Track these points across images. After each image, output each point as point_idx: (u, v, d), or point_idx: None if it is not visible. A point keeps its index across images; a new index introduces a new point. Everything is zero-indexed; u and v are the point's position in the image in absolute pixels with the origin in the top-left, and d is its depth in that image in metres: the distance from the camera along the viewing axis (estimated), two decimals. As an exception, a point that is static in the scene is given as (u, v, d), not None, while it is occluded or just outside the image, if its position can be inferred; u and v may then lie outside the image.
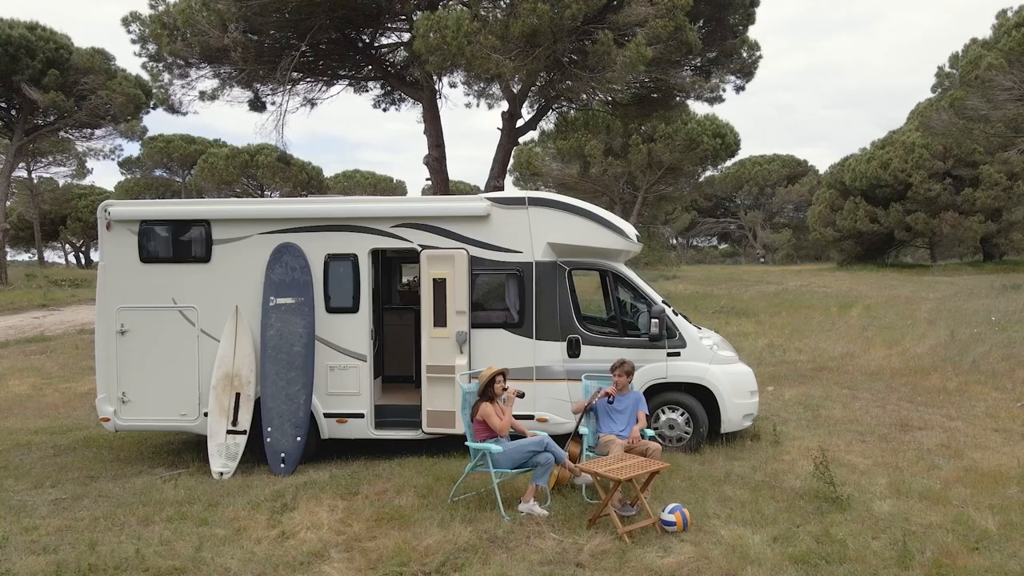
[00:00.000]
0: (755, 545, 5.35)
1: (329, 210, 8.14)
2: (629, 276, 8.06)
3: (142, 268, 8.07)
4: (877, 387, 11.37)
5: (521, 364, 7.87)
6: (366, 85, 24.38)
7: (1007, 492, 6.37)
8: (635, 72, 15.75)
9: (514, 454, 6.27)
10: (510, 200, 7.95)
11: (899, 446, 8.02)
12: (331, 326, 8.00)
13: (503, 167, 22.20)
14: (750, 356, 14.24)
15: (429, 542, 5.58)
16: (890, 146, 39.87)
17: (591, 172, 35.13)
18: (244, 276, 7.98)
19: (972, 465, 7.19)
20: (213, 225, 8.06)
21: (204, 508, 6.47)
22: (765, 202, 64.47)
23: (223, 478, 7.57)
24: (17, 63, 28.38)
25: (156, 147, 51.73)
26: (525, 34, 15.36)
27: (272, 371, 7.79)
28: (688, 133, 33.51)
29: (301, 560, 5.32)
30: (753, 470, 7.16)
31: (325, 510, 6.30)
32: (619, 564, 5.19)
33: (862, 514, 5.98)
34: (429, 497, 6.63)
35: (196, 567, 5.22)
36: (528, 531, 5.80)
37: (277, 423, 7.69)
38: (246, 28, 18.99)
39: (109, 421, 8.11)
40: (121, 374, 8.06)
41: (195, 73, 21.09)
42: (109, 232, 8.09)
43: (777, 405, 10.22)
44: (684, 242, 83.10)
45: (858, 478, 6.90)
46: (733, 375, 8.01)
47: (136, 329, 8.06)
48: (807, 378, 12.18)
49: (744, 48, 22.41)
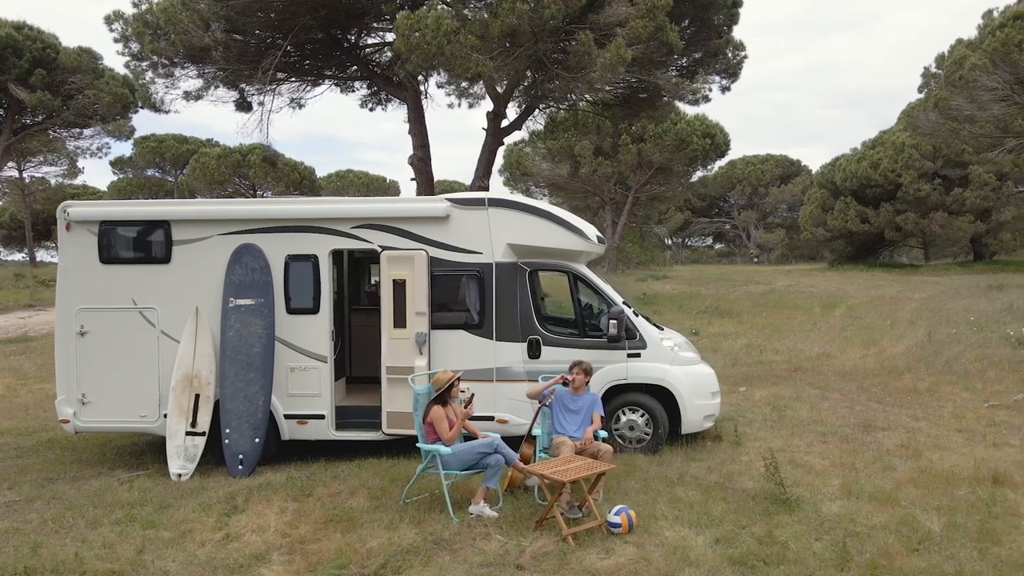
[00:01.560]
0: (697, 547, 5.35)
1: (289, 211, 8.13)
2: (590, 277, 8.05)
3: (102, 269, 8.05)
4: (849, 388, 11.38)
5: (481, 365, 7.87)
6: (352, 85, 24.39)
7: (957, 493, 6.37)
8: (616, 73, 15.75)
9: (464, 455, 6.26)
10: (470, 201, 7.94)
11: (859, 447, 8.03)
12: (292, 327, 7.99)
13: (488, 167, 22.20)
14: (728, 356, 14.27)
15: (373, 544, 5.58)
16: (880, 146, 39.92)
17: (581, 172, 35.10)
18: (204, 277, 7.96)
19: (927, 466, 7.19)
20: (173, 226, 8.04)
21: (154, 510, 6.46)
22: (758, 202, 64.55)
23: (181, 480, 7.55)
24: (4, 62, 28.38)
25: (148, 147, 51.70)
26: (505, 34, 15.37)
27: (231, 372, 7.77)
28: (678, 133, 33.50)
29: (241, 563, 5.31)
30: (709, 471, 7.16)
31: (274, 512, 6.29)
32: (559, 566, 5.19)
33: (810, 515, 5.98)
34: (382, 499, 6.62)
35: (135, 570, 5.21)
36: (475, 533, 5.80)
37: (236, 424, 7.68)
38: (229, 28, 19.01)
39: (69, 423, 8.09)
40: (81, 375, 8.04)
41: (179, 72, 21.12)
42: (69, 233, 8.07)
43: (746, 406, 10.22)
44: (679, 242, 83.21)
45: (812, 479, 6.90)
46: (694, 376, 8.01)
47: (96, 330, 8.04)
48: (781, 379, 12.19)
49: (729, 48, 22.42)
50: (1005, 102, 22.52)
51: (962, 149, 33.67)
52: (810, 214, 44.55)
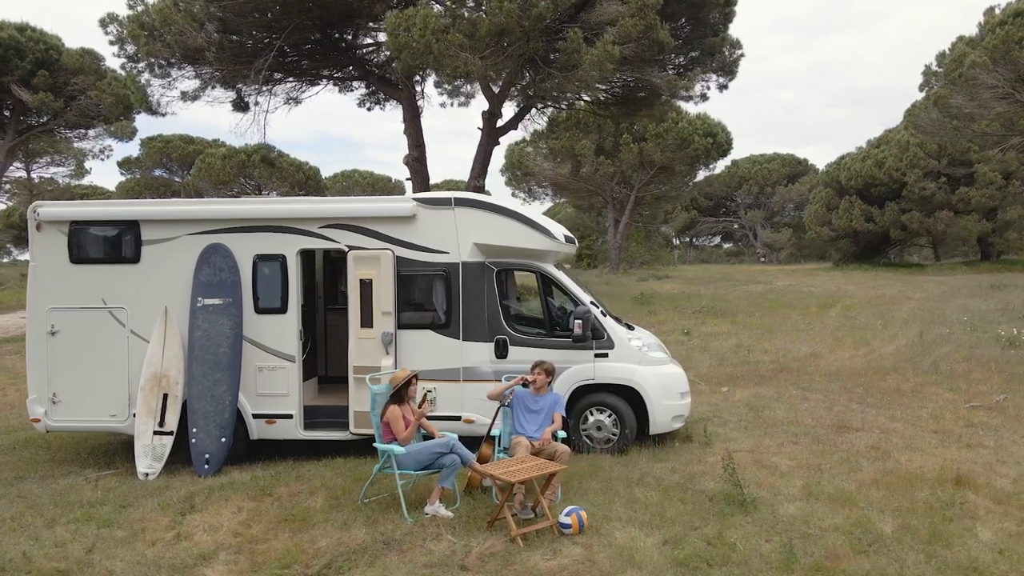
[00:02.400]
0: (643, 548, 5.32)
1: (257, 211, 8.15)
2: (557, 277, 8.01)
3: (72, 269, 8.10)
4: (832, 388, 11.29)
5: (448, 365, 7.87)
6: (350, 85, 24.44)
7: (917, 495, 6.30)
8: (603, 71, 15.70)
9: (419, 455, 6.25)
10: (436, 201, 7.93)
11: (829, 448, 7.96)
12: (260, 327, 8.00)
13: (484, 167, 22.19)
14: (715, 356, 14.20)
15: (322, 544, 5.58)
16: (885, 145, 39.65)
17: (582, 172, 35.01)
18: (174, 277, 7.99)
19: (894, 467, 7.11)
20: (142, 226, 8.08)
21: (113, 509, 6.49)
22: (765, 201, 64.22)
23: (148, 479, 7.58)
24: (6, 64, 28.54)
25: (155, 147, 52.05)
26: (492, 33, 15.36)
27: (199, 372, 7.80)
28: (679, 132, 33.36)
29: (188, 563, 5.32)
30: (672, 472, 7.12)
31: (231, 511, 6.31)
32: (503, 566, 5.17)
33: (766, 516, 5.93)
34: (342, 499, 6.62)
35: (81, 569, 5.24)
36: (427, 533, 5.78)
37: (202, 424, 7.70)
38: (223, 28, 19.09)
39: (40, 422, 8.14)
40: (52, 375, 8.09)
41: (176, 73, 21.18)
42: (39, 233, 8.13)
43: (724, 406, 10.16)
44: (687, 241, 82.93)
45: (775, 480, 6.84)
46: (662, 376, 7.96)
47: (66, 330, 8.09)
48: (765, 379, 12.11)
49: (725, 47, 22.32)
50: (1006, 100, 22.29)
51: (967, 147, 33.41)
52: (815, 213, 44.29)
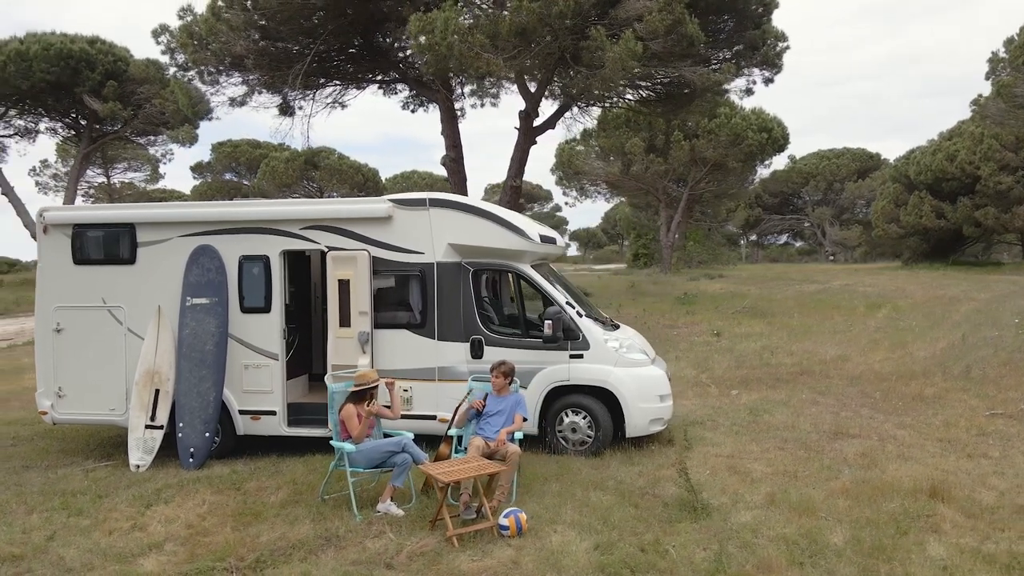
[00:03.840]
0: (573, 552, 5.24)
1: (242, 213, 8.39)
2: (533, 277, 7.95)
3: (75, 269, 8.53)
4: (848, 393, 10.82)
5: (423, 364, 7.93)
6: (394, 88, 24.87)
7: (885, 506, 5.99)
8: (627, 68, 15.46)
9: (371, 453, 6.33)
10: (411, 201, 7.99)
11: (814, 455, 7.64)
12: (246, 325, 8.24)
13: (521, 167, 22.18)
14: (737, 358, 13.82)
15: (264, 538, 5.72)
16: (957, 137, 37.67)
17: (632, 170, 34.58)
18: (166, 277, 8.31)
19: (875, 477, 6.78)
20: (138, 228, 8.44)
21: (90, 499, 6.81)
22: (834, 198, 62.00)
23: (139, 471, 7.92)
24: (78, 75, 30.23)
25: (224, 152, 54.19)
26: (514, 33, 15.34)
27: (186, 369, 8.09)
28: (732, 128, 32.57)
29: (134, 552, 5.54)
30: (639, 475, 6.98)
31: (194, 504, 6.54)
32: (427, 566, 5.19)
33: (715, 524, 5.76)
34: (305, 495, 6.76)
35: (36, 555, 5.53)
36: (372, 531, 5.85)
37: (188, 419, 7.99)
38: (265, 35, 19.74)
39: (47, 414, 8.61)
40: (58, 370, 8.54)
41: (223, 80, 22.00)
42: (46, 235, 8.59)
43: (725, 409, 9.88)
44: (755, 240, 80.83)
45: (742, 487, 6.63)
46: (639, 378, 7.80)
47: (70, 327, 8.52)
48: (781, 382, 11.70)
49: (769, 39, 21.66)
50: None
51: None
52: (882, 210, 42.43)
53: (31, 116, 35.17)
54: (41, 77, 29.69)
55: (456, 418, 6.96)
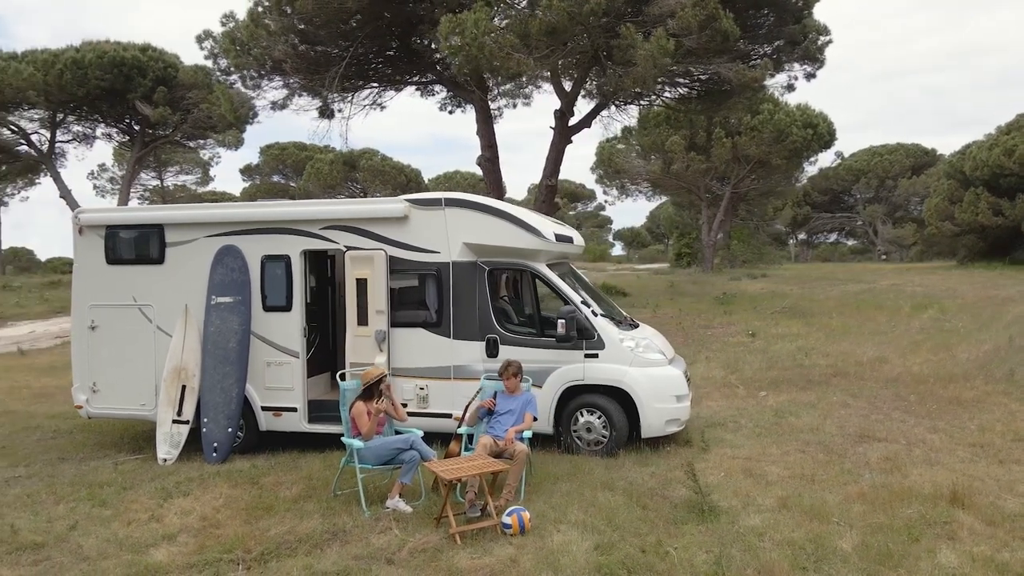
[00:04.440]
0: (572, 552, 5.22)
1: (264, 214, 8.58)
2: (548, 276, 7.93)
3: (108, 269, 8.83)
4: (882, 395, 10.52)
5: (439, 363, 7.99)
6: (432, 89, 25.08)
7: (902, 511, 5.81)
8: (658, 65, 15.28)
9: (380, 450, 6.41)
10: (427, 201, 8.06)
11: (836, 458, 7.45)
12: (268, 324, 8.42)
13: (556, 166, 22.15)
14: (770, 359, 13.56)
15: (273, 532, 5.84)
16: (1016, 131, 36.21)
17: (673, 168, 34.17)
18: (193, 276, 8.54)
19: (895, 481, 6.58)
20: (166, 229, 8.70)
21: (115, 491, 7.04)
22: (886, 195, 60.28)
23: (166, 464, 8.16)
24: (131, 82, 31.27)
25: (272, 154, 55.30)
26: (545, 31, 15.31)
27: (210, 366, 8.31)
28: (776, 125, 31.94)
29: (147, 542, 5.71)
30: (651, 476, 6.91)
31: (211, 497, 6.70)
32: (427, 562, 5.23)
33: (722, 526, 5.67)
34: (319, 490, 6.87)
35: (56, 543, 5.74)
36: (379, 527, 5.92)
37: (212, 415, 8.20)
38: (304, 40, 20.11)
39: (82, 409, 8.94)
40: (92, 366, 8.86)
41: (265, 84, 22.50)
42: (81, 236, 8.91)
43: (749, 410, 9.70)
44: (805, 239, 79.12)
45: (755, 489, 6.50)
46: (655, 379, 7.71)
47: (104, 325, 8.83)
48: (813, 384, 11.43)
49: (810, 33, 21.18)
50: None
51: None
52: (936, 207, 41.02)
53: (88, 122, 36.55)
54: (96, 84, 30.79)
55: (467, 416, 6.99)
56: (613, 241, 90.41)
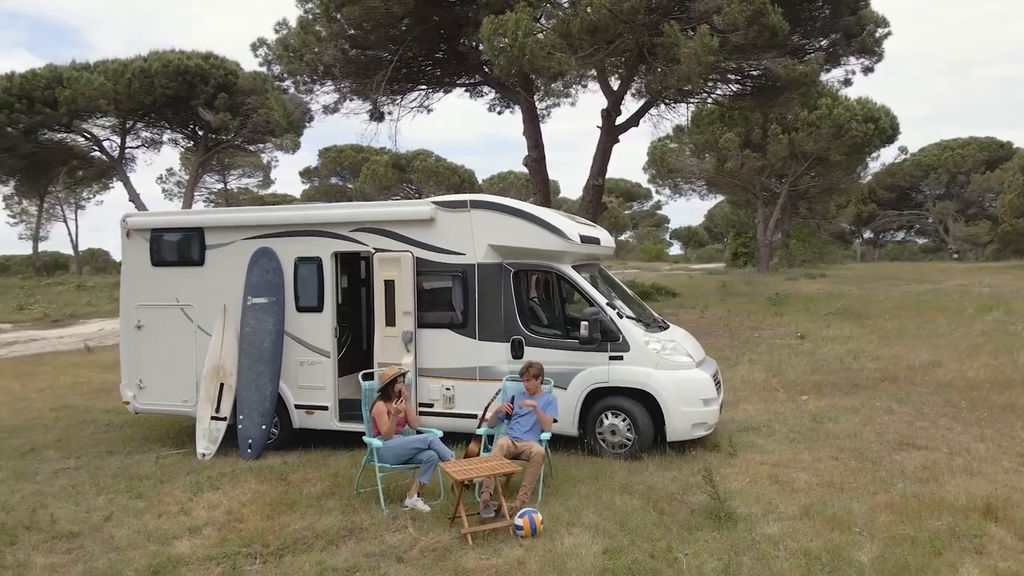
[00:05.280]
0: (581, 555, 5.20)
1: (297, 216, 8.79)
2: (572, 277, 7.90)
3: (153, 271, 9.19)
4: (931, 401, 10.11)
5: (465, 364, 8.04)
6: (480, 90, 25.25)
7: (930, 523, 5.58)
8: (703, 62, 15.02)
9: (398, 450, 6.50)
10: (453, 203, 8.12)
11: (870, 465, 7.21)
12: (301, 324, 8.63)
13: (603, 166, 22.02)
14: (816, 362, 13.18)
15: (293, 527, 6.00)
16: (1097, 122, 34.27)
17: (727, 166, 33.53)
18: (231, 278, 8.81)
19: (929, 491, 6.32)
20: (206, 232, 9.00)
21: (152, 484, 7.33)
22: (958, 192, 57.80)
23: (204, 459, 8.46)
24: (194, 89, 32.46)
25: (330, 157, 56.62)
26: (586, 30, 15.24)
27: (246, 365, 8.56)
28: (834, 120, 31.08)
29: (174, 534, 5.93)
30: (672, 481, 6.81)
31: (239, 492, 6.91)
32: (436, 561, 5.28)
33: (741, 534, 5.55)
34: (344, 487, 7.01)
35: (90, 533, 6.02)
36: (395, 525, 6.01)
37: (247, 412, 8.45)
38: (353, 45, 20.51)
39: (130, 404, 9.33)
40: (138, 363, 9.24)
41: (317, 88, 23.04)
42: (128, 240, 9.30)
43: (787, 415, 9.46)
44: (872, 238, 76.58)
45: (779, 497, 6.34)
46: (681, 381, 7.59)
47: (149, 324, 9.19)
48: (858, 388, 11.06)
49: (867, 25, 20.49)
50: None
51: None
52: (1010, 203, 39.33)
53: (155, 128, 38.12)
54: (161, 92, 32.09)
55: (487, 417, 7.03)
56: (670, 240, 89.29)
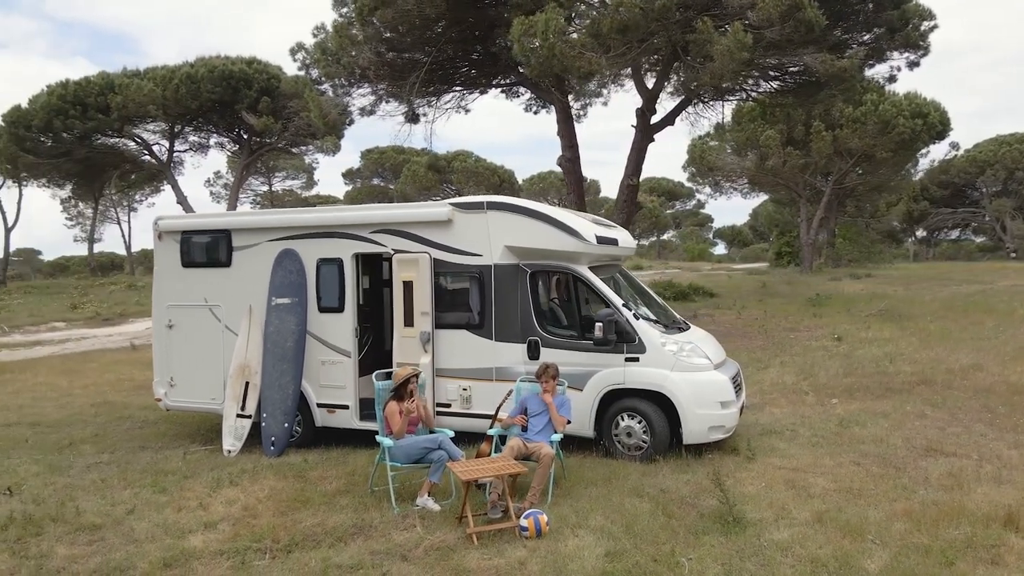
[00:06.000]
0: (583, 558, 5.19)
1: (319, 218, 8.93)
2: (589, 278, 7.86)
3: (183, 272, 9.44)
4: (968, 406, 9.78)
5: (481, 365, 8.08)
6: (515, 91, 25.30)
7: (947, 532, 5.41)
8: (736, 59, 14.78)
9: (409, 449, 6.57)
10: (470, 205, 8.16)
11: (893, 472, 7.01)
12: (323, 324, 8.77)
13: (638, 165, 21.83)
14: (851, 365, 12.87)
15: (304, 524, 6.11)
16: None
17: (768, 164, 32.94)
18: (256, 278, 9.01)
19: (951, 499, 6.12)
20: (233, 234, 9.21)
21: (177, 479, 7.54)
22: (1017, 188, 55.80)
23: (230, 455, 8.67)
24: (238, 93, 33.20)
25: (372, 158, 57.33)
26: (617, 29, 15.15)
27: (270, 364, 8.74)
28: (880, 115, 30.29)
29: (190, 529, 6.09)
30: (685, 484, 6.74)
31: (257, 488, 7.06)
32: (438, 560, 5.33)
33: (746, 539, 5.47)
34: (359, 485, 7.10)
35: (113, 526, 6.22)
36: (405, 524, 6.08)
37: (270, 410, 8.63)
38: (389, 47, 20.74)
39: (161, 401, 9.61)
40: (170, 361, 9.51)
41: (354, 91, 23.36)
42: (160, 242, 9.58)
43: (813, 418, 9.25)
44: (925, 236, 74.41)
45: (792, 502, 6.22)
46: (698, 384, 7.50)
47: (180, 323, 9.46)
48: (892, 392, 10.76)
49: (912, 19, 19.92)
50: None
51: None
52: (1069, 200, 37.66)
53: (202, 132, 39.10)
54: (207, 97, 32.91)
55: (500, 421, 7.05)
56: (714, 240, 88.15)
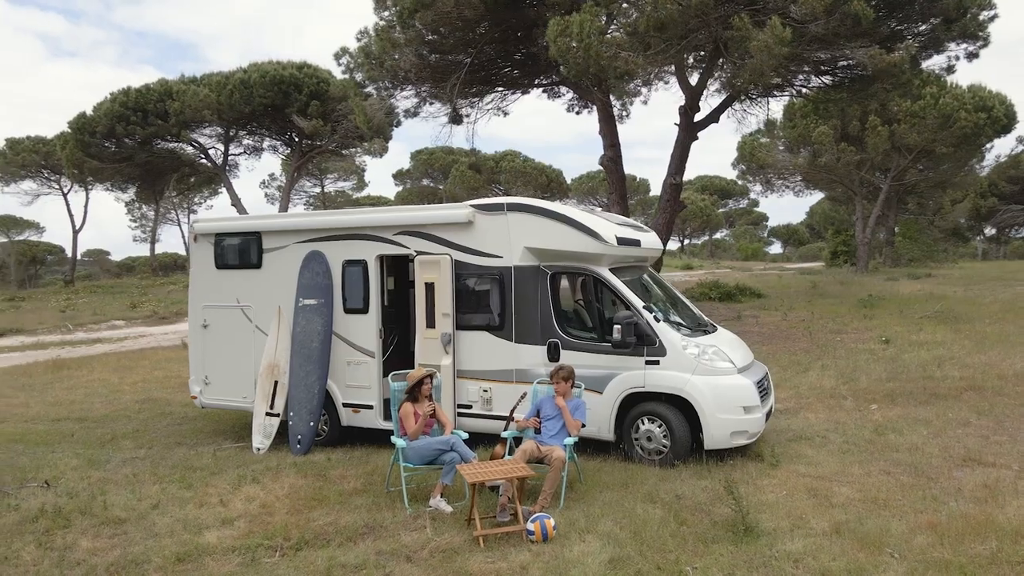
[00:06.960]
0: (586, 564, 5.13)
1: (344, 220, 9.04)
2: (609, 280, 7.76)
3: (217, 273, 9.69)
4: (1018, 414, 9.30)
5: (502, 366, 8.07)
6: (558, 91, 25.22)
7: (972, 547, 5.17)
8: (775, 55, 14.41)
9: (422, 450, 6.60)
10: (491, 206, 8.15)
11: (925, 482, 6.73)
12: (348, 325, 8.89)
13: (681, 163, 21.50)
14: (896, 369, 12.41)
15: (317, 522, 6.20)
16: None
17: (820, 161, 32.04)
18: (285, 280, 9.18)
19: (982, 512, 5.85)
20: (263, 236, 9.40)
21: (203, 476, 7.73)
22: (1092, 183, 53.05)
23: (259, 453, 8.86)
24: (288, 98, 33.91)
25: (421, 159, 57.88)
26: (654, 27, 14.94)
27: (296, 364, 8.90)
28: (940, 109, 29.15)
29: (208, 525, 6.24)
30: (703, 491, 6.59)
31: (277, 486, 7.20)
32: (442, 562, 5.34)
33: (758, 549, 5.33)
34: (376, 485, 7.17)
35: (136, 520, 6.42)
36: (415, 524, 6.12)
37: (297, 409, 8.79)
38: (432, 49, 20.92)
39: (196, 399, 9.89)
40: (204, 360, 9.78)
41: (398, 94, 23.63)
42: (195, 243, 9.85)
43: (847, 424, 8.95)
44: (994, 234, 71.40)
45: (811, 512, 6.03)
46: (719, 388, 7.33)
47: (214, 323, 9.71)
48: (937, 398, 10.33)
49: (970, 8, 19.08)
50: None
51: None
52: None
53: (255, 136, 40.07)
54: (260, 101, 33.70)
55: (515, 424, 7.02)
56: (770, 239, 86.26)
